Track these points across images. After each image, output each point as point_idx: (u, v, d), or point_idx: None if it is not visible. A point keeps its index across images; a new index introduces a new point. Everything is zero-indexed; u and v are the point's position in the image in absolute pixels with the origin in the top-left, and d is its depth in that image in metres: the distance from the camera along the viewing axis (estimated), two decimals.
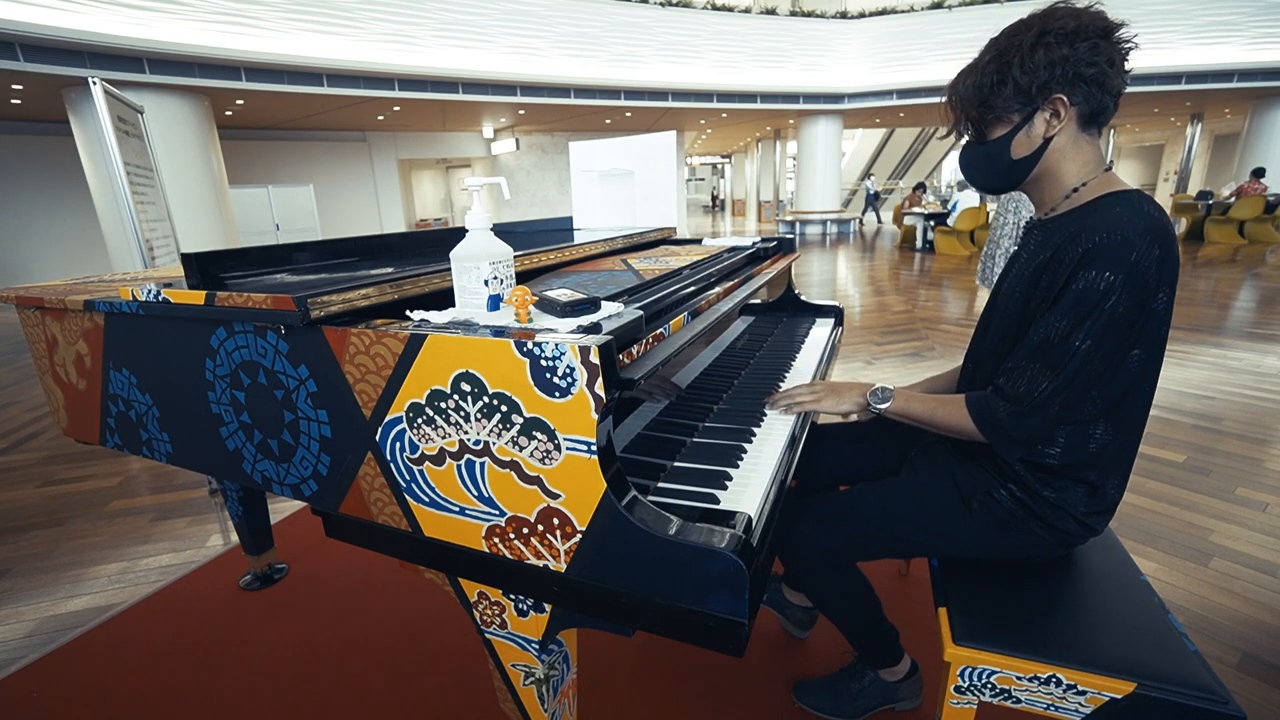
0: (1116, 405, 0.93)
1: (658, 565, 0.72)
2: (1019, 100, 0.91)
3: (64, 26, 6.39)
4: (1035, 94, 0.90)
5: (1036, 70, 0.88)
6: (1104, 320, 0.84)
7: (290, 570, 1.97)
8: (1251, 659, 1.44)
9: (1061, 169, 0.95)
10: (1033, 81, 0.89)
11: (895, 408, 1.07)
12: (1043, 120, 0.92)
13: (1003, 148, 0.96)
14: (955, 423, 0.98)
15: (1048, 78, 0.88)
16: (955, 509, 1.06)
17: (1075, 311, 0.85)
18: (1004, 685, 0.92)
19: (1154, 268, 0.83)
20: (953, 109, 1.00)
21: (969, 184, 1.07)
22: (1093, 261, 0.84)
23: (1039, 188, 0.99)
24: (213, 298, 0.95)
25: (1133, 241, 0.83)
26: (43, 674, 1.57)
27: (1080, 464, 0.97)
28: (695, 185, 32.10)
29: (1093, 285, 0.84)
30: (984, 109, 0.95)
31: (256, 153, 12.01)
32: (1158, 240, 0.83)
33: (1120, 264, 0.82)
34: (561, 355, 0.70)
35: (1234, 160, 13.46)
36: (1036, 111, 0.91)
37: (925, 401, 1.04)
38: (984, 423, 0.95)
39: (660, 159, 2.30)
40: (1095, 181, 0.94)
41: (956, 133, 1.02)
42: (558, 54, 9.85)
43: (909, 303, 6.08)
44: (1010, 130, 0.94)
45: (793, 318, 2.04)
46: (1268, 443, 2.61)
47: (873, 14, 11.72)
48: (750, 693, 1.41)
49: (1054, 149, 0.94)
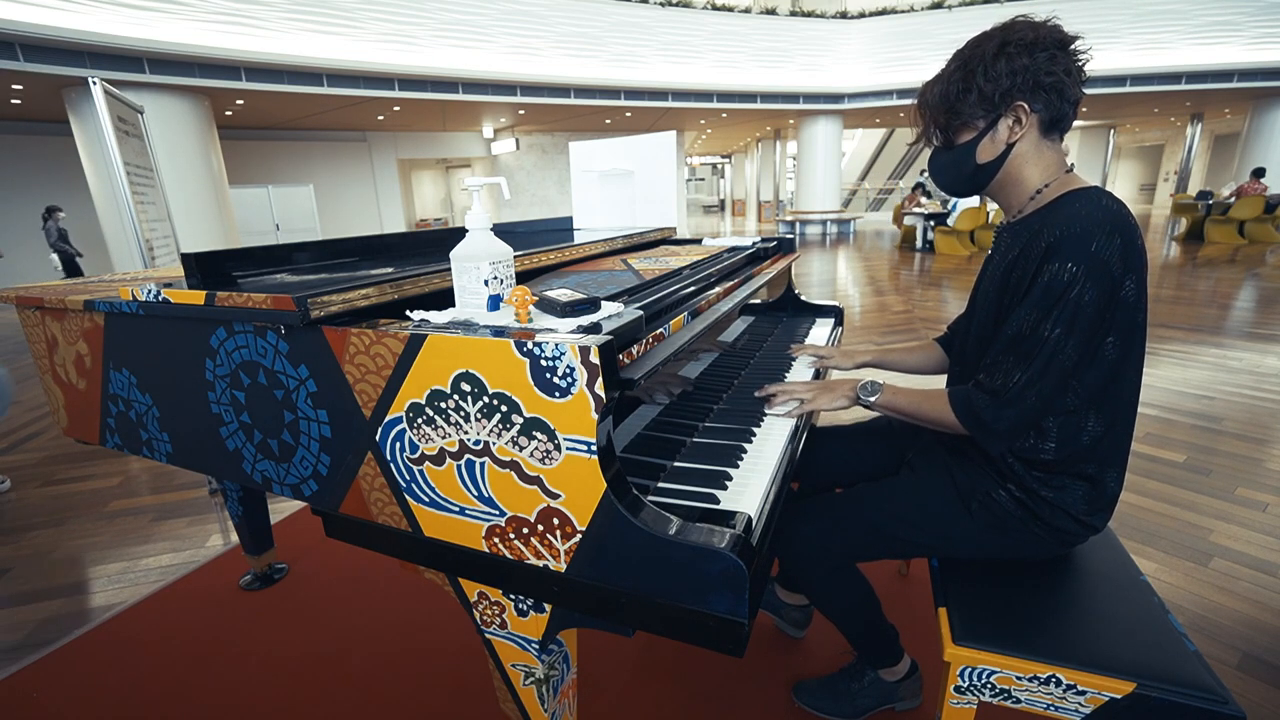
0: (1102, 394, 0.95)
1: (658, 565, 0.72)
2: (983, 107, 0.96)
3: (64, 26, 6.39)
4: (998, 101, 0.94)
5: (999, 78, 0.93)
6: (1070, 309, 0.88)
7: (290, 570, 1.97)
8: (1251, 659, 1.44)
9: (1025, 173, 1.00)
10: (995, 89, 0.94)
11: (882, 401, 1.11)
12: (1005, 126, 0.97)
13: (969, 152, 1.01)
14: (939, 415, 1.02)
15: (1009, 85, 0.93)
16: (955, 510, 1.07)
17: (1043, 303, 0.89)
18: (1004, 685, 0.92)
19: (1115, 256, 0.86)
20: (922, 116, 1.05)
21: (939, 188, 1.11)
22: (1055, 254, 0.88)
23: (1005, 192, 1.03)
24: (213, 298, 0.95)
25: (1091, 233, 0.87)
26: (43, 674, 1.57)
27: (1077, 457, 0.98)
28: (695, 185, 32.07)
29: (1056, 276, 0.88)
30: (951, 115, 1.00)
31: (256, 153, 12.02)
32: (1117, 230, 0.87)
33: (1081, 254, 0.86)
34: (561, 355, 0.70)
35: (1234, 160, 13.46)
36: (1000, 118, 0.96)
37: (911, 395, 1.08)
38: (965, 416, 0.98)
39: (660, 159, 2.31)
40: (1057, 183, 0.98)
41: (925, 139, 1.07)
42: (558, 54, 9.85)
43: (909, 303, 6.08)
44: (976, 136, 0.99)
45: (793, 318, 2.04)
46: (1268, 443, 2.61)
47: (873, 14, 11.72)
48: (750, 692, 1.41)
49: (1017, 154, 0.98)
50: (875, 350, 1.44)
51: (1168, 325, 4.69)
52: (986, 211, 9.63)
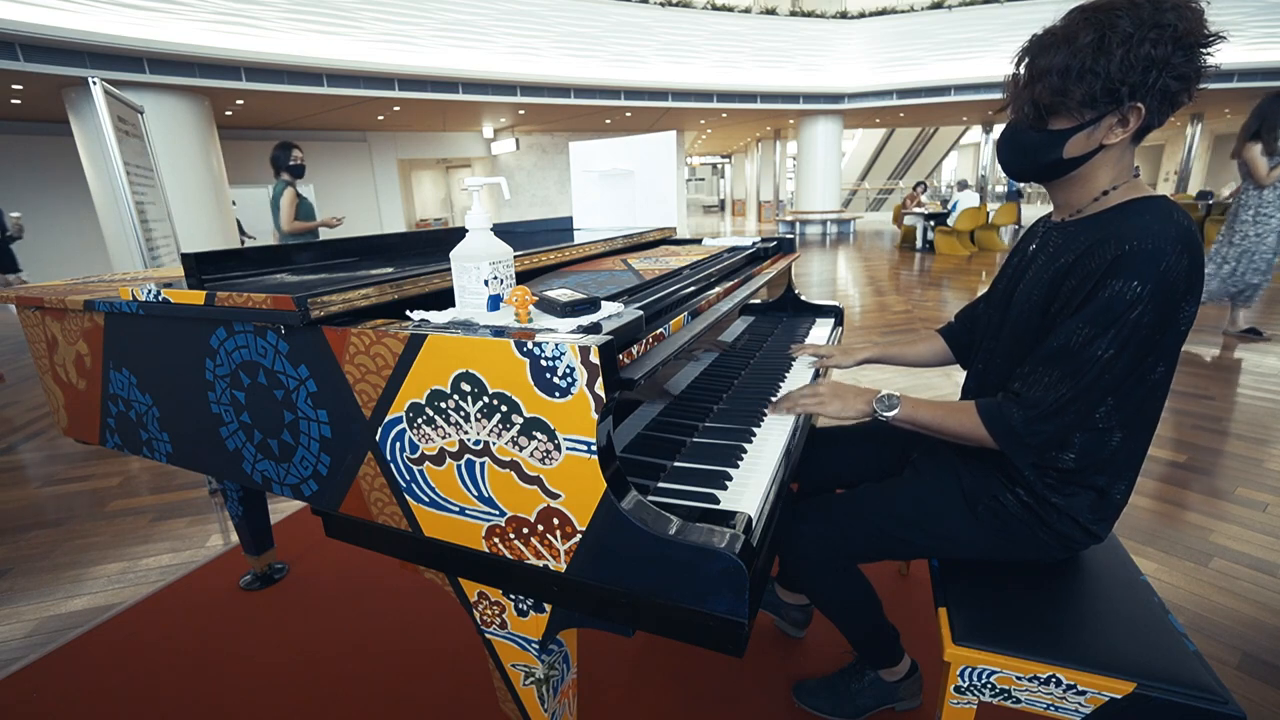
0: (1134, 412, 0.93)
1: (658, 565, 0.72)
2: (1103, 98, 0.83)
3: (64, 26, 6.39)
4: (1123, 96, 0.82)
5: (1134, 67, 0.80)
6: (1128, 330, 0.82)
7: (290, 570, 1.97)
8: (1251, 659, 1.44)
9: (1098, 174, 0.92)
10: (1126, 79, 0.81)
11: (903, 415, 1.03)
12: (1108, 125, 0.86)
13: (1057, 141, 0.89)
14: (966, 430, 0.96)
15: (1141, 80, 0.81)
16: (960, 512, 1.06)
17: (1101, 320, 0.83)
18: (1004, 685, 0.92)
19: (1182, 277, 0.81)
20: (1017, 81, 0.91)
21: (1000, 164, 0.99)
22: (1122, 270, 0.82)
23: (1069, 189, 0.95)
24: (213, 298, 0.95)
25: (1164, 250, 0.80)
26: (43, 674, 1.57)
27: (1093, 468, 0.97)
28: (695, 185, 32.06)
29: (1119, 295, 0.82)
30: (1060, 95, 0.85)
31: (256, 153, 11.98)
32: (1187, 250, 0.81)
33: (1150, 274, 0.80)
34: (561, 355, 0.70)
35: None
36: (1109, 114, 0.85)
37: (934, 409, 1.01)
38: (997, 429, 0.92)
39: (660, 159, 2.30)
40: (1124, 187, 0.91)
41: (1014, 108, 0.92)
42: (558, 54, 9.85)
43: (909, 303, 6.08)
44: (1075, 127, 0.87)
45: (793, 318, 2.04)
46: (1268, 443, 2.61)
47: (873, 14, 11.71)
48: (750, 692, 1.41)
49: (1103, 154, 0.89)
50: (875, 346, 1.41)
51: None
52: (987, 212, 9.63)
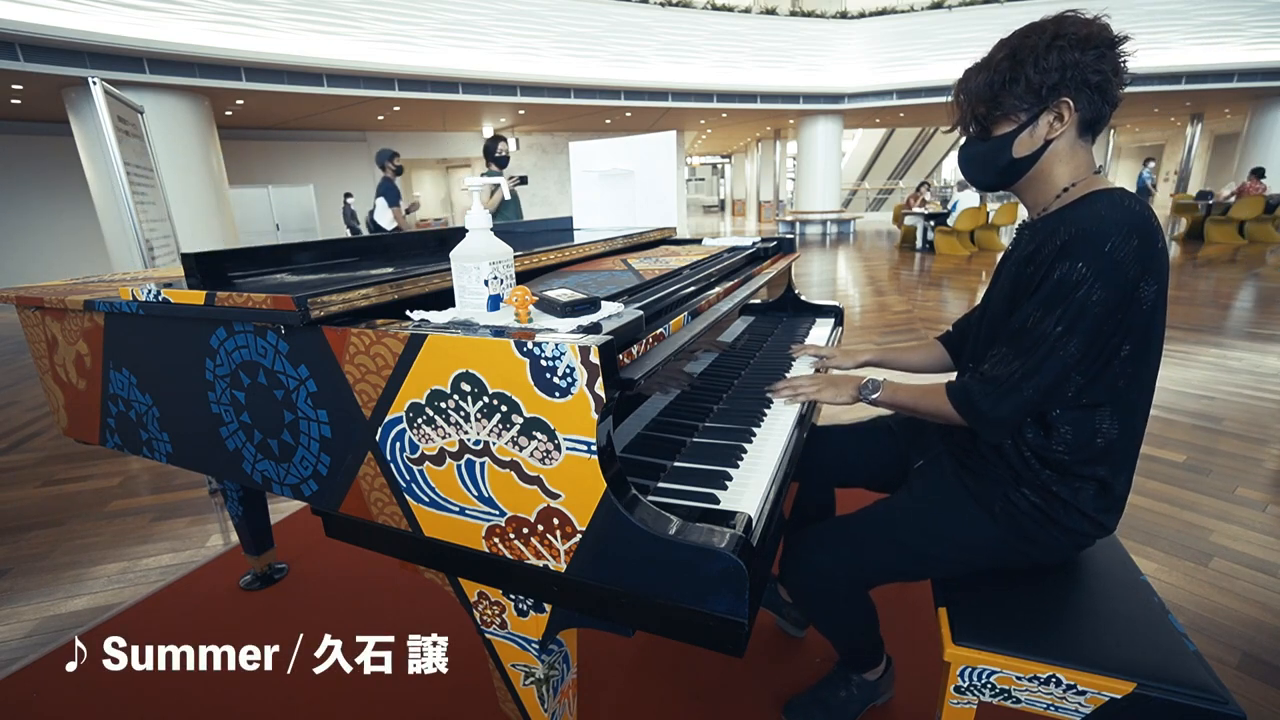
0: (1118, 397, 0.94)
1: (658, 565, 0.72)
2: (1029, 99, 0.94)
3: (64, 26, 6.39)
4: (1045, 94, 0.93)
5: (1049, 71, 0.91)
6: (1075, 308, 0.87)
7: (290, 570, 1.96)
8: (1251, 659, 1.44)
9: (1055, 171, 0.98)
10: (1044, 82, 0.92)
11: (884, 397, 1.13)
12: (1046, 122, 0.95)
13: (1005, 145, 0.99)
14: (937, 407, 1.03)
15: (1058, 79, 0.91)
16: (976, 517, 1.04)
17: (1050, 299, 0.89)
18: (1004, 685, 0.92)
19: (1131, 258, 0.86)
20: (959, 105, 1.03)
21: (966, 181, 1.09)
22: (1068, 253, 0.88)
23: (1032, 189, 1.02)
24: (213, 298, 0.95)
25: (1107, 233, 0.86)
26: (43, 674, 1.57)
27: (1090, 459, 0.97)
28: (695, 185, 32.04)
29: (1067, 275, 0.88)
30: (992, 105, 0.97)
31: (256, 153, 12.01)
32: (1135, 232, 0.86)
33: (1093, 254, 0.86)
34: (561, 355, 0.70)
35: (1234, 160, 13.44)
36: (1042, 113, 0.94)
37: (910, 390, 1.10)
38: (961, 404, 0.99)
39: (660, 159, 2.31)
40: (1083, 183, 0.97)
41: (961, 128, 1.05)
42: (558, 54, 9.85)
43: (909, 303, 6.08)
44: (1015, 129, 0.97)
45: (793, 318, 2.04)
46: (1268, 443, 2.61)
47: (873, 14, 11.71)
48: (750, 692, 1.41)
49: (1052, 151, 0.97)
50: (876, 349, 1.45)
51: (1168, 325, 4.68)
52: (987, 212, 9.63)
